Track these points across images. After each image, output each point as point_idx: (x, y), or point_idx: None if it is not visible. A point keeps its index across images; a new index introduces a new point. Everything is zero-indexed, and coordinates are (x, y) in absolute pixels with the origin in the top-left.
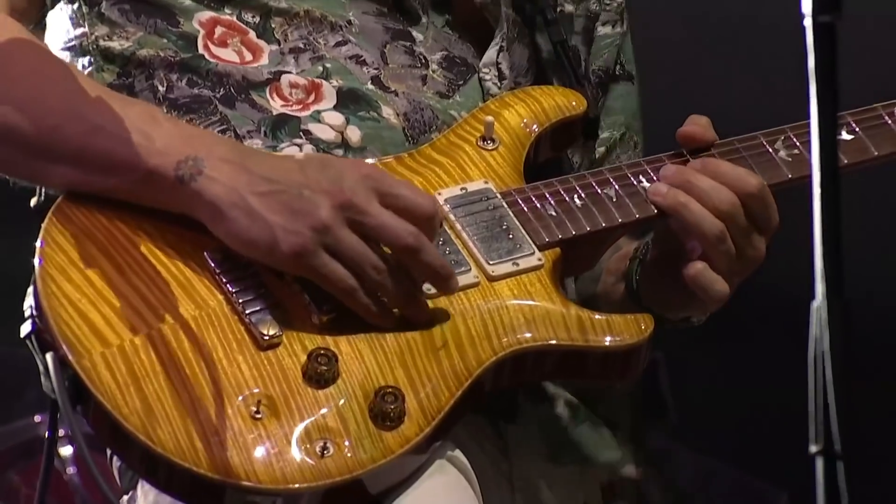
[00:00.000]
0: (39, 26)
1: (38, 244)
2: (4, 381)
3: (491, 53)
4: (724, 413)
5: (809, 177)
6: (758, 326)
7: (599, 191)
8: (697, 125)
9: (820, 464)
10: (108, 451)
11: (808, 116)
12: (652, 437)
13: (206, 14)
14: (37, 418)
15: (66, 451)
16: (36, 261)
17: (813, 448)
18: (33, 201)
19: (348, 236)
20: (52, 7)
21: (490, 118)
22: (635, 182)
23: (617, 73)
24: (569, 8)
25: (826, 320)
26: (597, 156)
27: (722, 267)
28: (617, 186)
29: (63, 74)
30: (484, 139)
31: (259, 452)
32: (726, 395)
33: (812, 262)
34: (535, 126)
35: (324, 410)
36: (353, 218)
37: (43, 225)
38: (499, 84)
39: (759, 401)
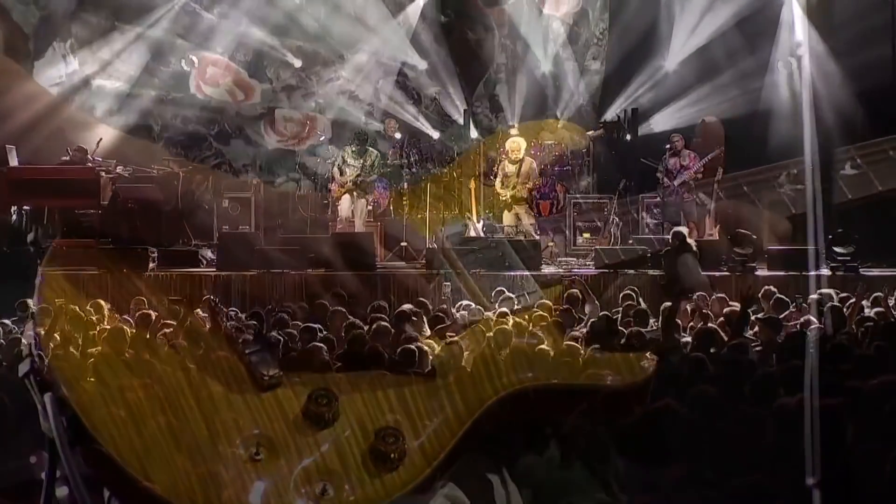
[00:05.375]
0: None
1: (37, 282)
2: None
3: (482, 87)
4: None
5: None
6: None
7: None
8: None
9: (817, 495)
10: (106, 493)
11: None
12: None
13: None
14: (32, 459)
15: (62, 492)
16: (34, 300)
17: (810, 480)
18: (29, 237)
19: None
20: (40, 55)
21: (493, 154)
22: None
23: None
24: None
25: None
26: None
27: None
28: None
29: None
30: (486, 175)
31: (258, 494)
32: None
33: None
34: (537, 162)
35: (324, 451)
36: None
37: (41, 263)
38: (492, 117)
39: None
